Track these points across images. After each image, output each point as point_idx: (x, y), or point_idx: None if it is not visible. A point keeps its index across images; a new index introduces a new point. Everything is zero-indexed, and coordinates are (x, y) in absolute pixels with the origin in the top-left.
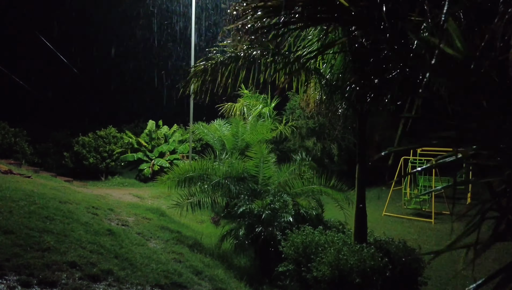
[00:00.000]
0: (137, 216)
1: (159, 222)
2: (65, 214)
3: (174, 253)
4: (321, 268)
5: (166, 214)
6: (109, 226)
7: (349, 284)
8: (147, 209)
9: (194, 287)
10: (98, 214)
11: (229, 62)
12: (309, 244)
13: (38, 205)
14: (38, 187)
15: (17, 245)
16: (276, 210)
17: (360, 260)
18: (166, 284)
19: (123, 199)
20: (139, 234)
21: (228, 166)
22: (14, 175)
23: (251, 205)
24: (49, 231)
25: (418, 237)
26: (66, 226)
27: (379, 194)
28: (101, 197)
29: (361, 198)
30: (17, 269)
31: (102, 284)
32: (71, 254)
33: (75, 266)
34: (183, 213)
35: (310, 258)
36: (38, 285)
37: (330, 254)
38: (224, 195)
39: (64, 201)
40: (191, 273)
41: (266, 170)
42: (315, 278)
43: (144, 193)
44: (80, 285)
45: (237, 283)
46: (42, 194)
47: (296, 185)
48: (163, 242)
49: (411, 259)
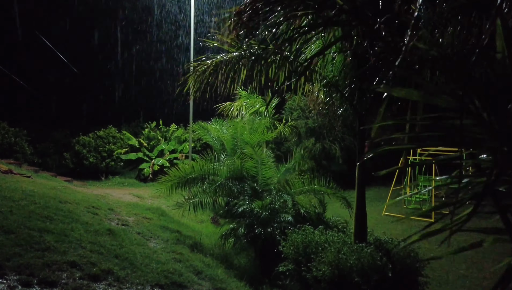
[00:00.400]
0: (137, 216)
1: (159, 221)
2: (65, 214)
3: (174, 253)
4: (321, 267)
5: (166, 214)
6: (109, 225)
7: (349, 284)
8: (147, 209)
9: (194, 287)
10: (98, 214)
11: (229, 62)
12: (309, 244)
13: (38, 204)
14: (38, 186)
15: (18, 245)
16: (276, 210)
17: (359, 260)
18: (166, 283)
19: (123, 198)
20: (139, 234)
21: (228, 166)
22: (14, 174)
23: (251, 205)
24: (49, 230)
25: (417, 237)
26: (66, 225)
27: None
28: (101, 197)
29: (361, 198)
30: (18, 268)
31: (102, 284)
32: (71, 254)
33: (75, 265)
34: (183, 213)
35: (310, 257)
36: (38, 285)
37: (330, 254)
38: (224, 195)
39: (64, 201)
40: (191, 272)
41: (266, 171)
42: (315, 277)
43: (144, 193)
44: (80, 284)
45: (237, 282)
46: (42, 194)
47: (297, 185)
48: (163, 242)
49: (411, 258)
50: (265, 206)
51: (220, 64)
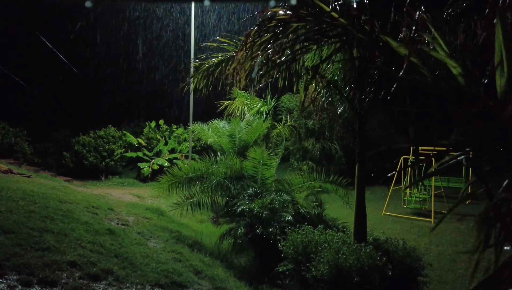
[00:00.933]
0: (137, 216)
1: (159, 221)
2: (65, 214)
3: (174, 253)
4: (321, 267)
5: (166, 214)
6: (109, 225)
7: (348, 284)
8: (147, 209)
9: (194, 287)
10: (98, 214)
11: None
12: (309, 243)
13: (38, 204)
14: (38, 186)
15: (17, 245)
16: (276, 209)
17: (359, 259)
18: (166, 283)
19: (123, 198)
20: (139, 234)
21: (227, 166)
22: (14, 174)
23: (250, 205)
24: (49, 230)
25: (417, 237)
26: (66, 225)
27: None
28: (101, 197)
29: (360, 198)
30: (17, 268)
31: (102, 284)
32: (71, 254)
33: (75, 265)
34: (182, 212)
35: (309, 257)
36: (38, 285)
37: (329, 253)
38: (224, 195)
39: (64, 201)
40: (191, 272)
41: (265, 171)
42: (314, 277)
43: (144, 193)
44: (80, 284)
45: (237, 282)
46: (42, 194)
47: (295, 181)
48: (163, 242)
49: (411, 258)
50: (265, 206)
51: (224, 62)
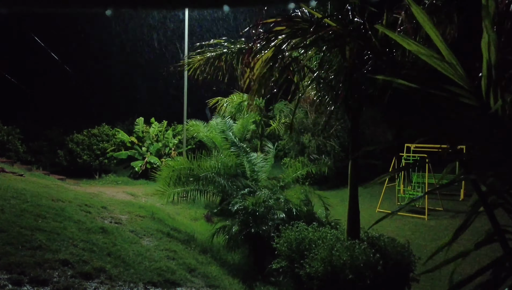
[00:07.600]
0: (130, 214)
1: (152, 219)
2: (58, 212)
3: (167, 251)
4: (314, 264)
5: (159, 212)
6: (102, 224)
7: (342, 280)
8: (140, 207)
9: (187, 285)
10: (91, 212)
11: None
12: (302, 241)
13: (30, 203)
14: (30, 185)
15: (9, 244)
16: (270, 206)
17: (352, 256)
18: (159, 281)
19: (117, 196)
20: (132, 232)
21: (219, 162)
22: (6, 173)
23: (244, 202)
24: (41, 229)
25: (411, 233)
26: (58, 224)
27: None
28: (94, 195)
29: (353, 195)
30: (8, 267)
31: (94, 282)
32: (63, 252)
33: (67, 264)
34: (176, 210)
35: (303, 254)
36: (29, 284)
37: (323, 250)
38: (217, 192)
39: (56, 199)
40: (184, 270)
41: (254, 166)
42: (308, 274)
43: (138, 191)
44: (72, 283)
45: (231, 280)
46: (34, 192)
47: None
48: (156, 240)
49: (403, 255)
50: (259, 203)
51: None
